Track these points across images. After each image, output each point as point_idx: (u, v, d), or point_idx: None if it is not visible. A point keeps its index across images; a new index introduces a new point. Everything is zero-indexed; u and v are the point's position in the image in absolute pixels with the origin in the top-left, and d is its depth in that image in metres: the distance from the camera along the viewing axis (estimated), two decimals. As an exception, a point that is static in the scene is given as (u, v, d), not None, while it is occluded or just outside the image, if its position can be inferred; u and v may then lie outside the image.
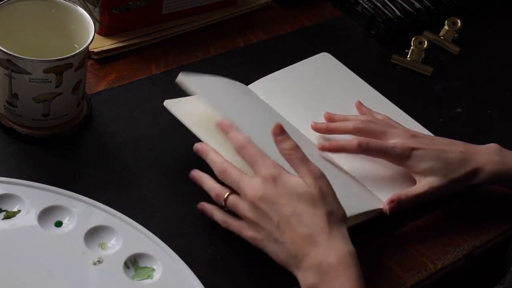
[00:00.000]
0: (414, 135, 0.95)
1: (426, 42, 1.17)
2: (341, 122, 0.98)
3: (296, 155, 0.83)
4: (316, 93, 1.06)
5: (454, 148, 0.94)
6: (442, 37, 1.22)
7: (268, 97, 1.03)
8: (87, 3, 1.04)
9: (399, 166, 0.95)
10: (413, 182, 0.95)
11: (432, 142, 0.95)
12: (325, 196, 0.82)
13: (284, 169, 0.83)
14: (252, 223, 0.83)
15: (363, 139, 0.94)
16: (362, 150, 0.94)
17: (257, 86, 1.04)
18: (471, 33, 1.25)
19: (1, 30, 0.91)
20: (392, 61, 1.17)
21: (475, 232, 0.97)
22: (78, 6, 0.93)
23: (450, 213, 0.98)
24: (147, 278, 0.82)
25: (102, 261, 0.82)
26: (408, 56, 1.17)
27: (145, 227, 0.85)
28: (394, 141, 0.94)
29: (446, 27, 1.22)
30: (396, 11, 1.21)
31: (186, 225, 0.89)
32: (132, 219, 0.86)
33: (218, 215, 0.87)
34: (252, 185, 0.82)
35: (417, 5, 1.23)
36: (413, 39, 1.17)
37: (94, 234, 0.84)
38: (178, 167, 0.94)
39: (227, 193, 0.85)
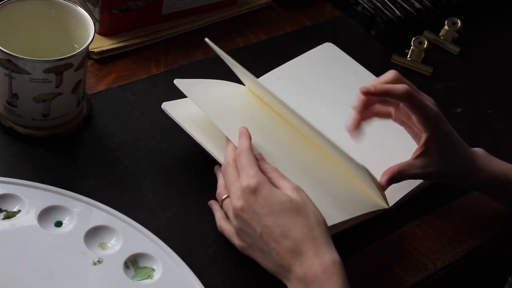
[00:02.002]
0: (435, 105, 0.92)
1: (426, 42, 1.17)
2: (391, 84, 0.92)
3: (276, 173, 0.84)
4: (320, 85, 1.06)
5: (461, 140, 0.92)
6: (442, 37, 1.22)
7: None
8: (87, 3, 1.04)
9: (423, 128, 0.90)
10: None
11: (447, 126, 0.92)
12: (306, 205, 0.81)
13: (267, 180, 0.82)
14: (238, 231, 0.83)
15: (411, 89, 0.89)
16: (407, 98, 0.88)
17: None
18: (471, 33, 1.25)
19: (1, 30, 0.91)
20: (392, 61, 1.17)
21: (475, 232, 0.97)
22: (78, 6, 0.93)
23: (450, 213, 0.98)
24: (147, 278, 0.82)
25: (102, 261, 0.82)
26: (408, 56, 1.17)
27: (145, 227, 0.85)
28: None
29: (446, 27, 1.22)
30: (396, 11, 1.21)
31: (186, 225, 0.89)
32: (132, 219, 0.86)
33: (217, 216, 0.88)
34: (237, 194, 0.82)
35: (417, 5, 1.23)
36: (413, 39, 1.17)
37: (94, 234, 0.84)
38: (178, 167, 0.94)
39: (225, 196, 0.85)
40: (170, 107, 0.95)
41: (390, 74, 0.91)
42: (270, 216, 0.80)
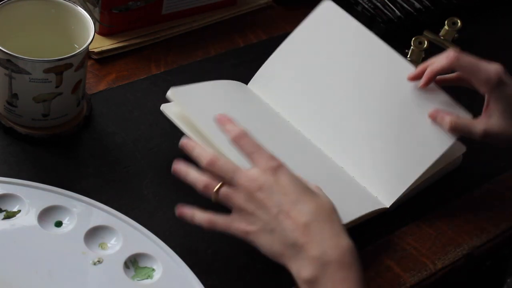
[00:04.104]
0: (506, 73, 0.94)
1: (426, 42, 1.17)
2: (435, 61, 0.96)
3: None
4: (329, 59, 1.01)
5: None
6: (442, 37, 1.22)
7: (267, 94, 1.02)
8: (87, 3, 1.04)
9: (483, 91, 0.94)
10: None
11: None
12: (321, 191, 0.82)
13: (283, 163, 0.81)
14: (246, 215, 0.79)
15: (454, 58, 0.93)
16: (454, 67, 0.93)
17: (256, 83, 1.03)
18: (471, 33, 1.25)
19: (1, 30, 0.91)
20: (392, 61, 1.17)
21: (475, 232, 0.97)
22: (78, 6, 0.93)
23: (450, 213, 0.98)
24: (147, 278, 0.82)
25: (102, 261, 0.82)
26: (408, 56, 1.17)
27: (145, 227, 0.85)
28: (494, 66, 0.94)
29: (446, 27, 1.22)
30: (396, 11, 1.21)
31: (186, 225, 0.89)
32: (132, 219, 0.86)
33: (200, 216, 0.82)
34: (250, 176, 0.79)
35: (417, 5, 1.23)
36: (413, 39, 1.17)
37: (94, 234, 0.84)
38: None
39: (219, 184, 0.81)
40: (169, 109, 0.95)
41: (442, 61, 0.94)
42: (290, 195, 0.78)
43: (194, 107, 0.93)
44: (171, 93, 0.93)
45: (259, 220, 0.79)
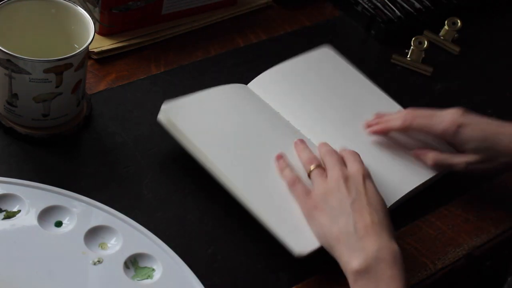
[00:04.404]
0: (463, 114, 0.96)
1: (426, 42, 1.17)
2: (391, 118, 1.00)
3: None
4: (316, 89, 1.06)
5: (506, 129, 0.94)
6: (442, 37, 1.22)
7: (268, 95, 1.03)
8: (87, 3, 1.04)
9: (446, 141, 0.97)
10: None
11: (482, 121, 0.95)
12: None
13: None
14: (327, 191, 0.87)
15: (409, 116, 0.97)
16: (406, 126, 0.97)
17: (256, 84, 1.04)
18: (471, 33, 1.25)
19: (1, 30, 0.91)
20: (392, 61, 1.17)
21: (475, 232, 0.97)
22: (78, 6, 0.93)
23: (450, 213, 0.98)
24: (147, 278, 0.82)
25: (102, 261, 0.82)
26: (408, 56, 1.17)
27: (145, 227, 0.85)
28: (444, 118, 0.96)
29: (446, 27, 1.22)
30: (396, 11, 1.21)
31: (186, 225, 0.89)
32: (132, 219, 0.86)
33: (288, 172, 0.91)
34: (354, 160, 0.90)
35: (417, 5, 1.23)
36: (413, 39, 1.17)
37: (94, 234, 0.84)
38: (178, 167, 0.94)
39: (315, 166, 0.90)
40: (170, 111, 0.95)
41: (397, 123, 0.98)
42: (368, 196, 0.86)
43: (187, 125, 0.94)
44: (163, 115, 0.94)
45: (334, 200, 0.86)
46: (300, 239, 0.86)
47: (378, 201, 0.86)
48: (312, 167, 0.91)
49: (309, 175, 0.91)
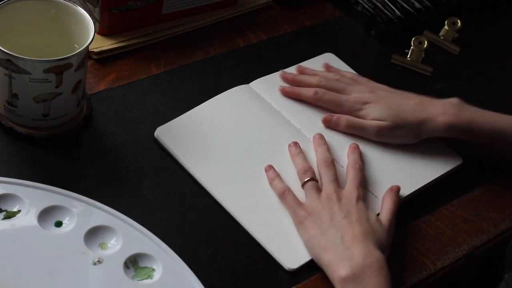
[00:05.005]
0: (372, 91, 1.02)
1: (426, 42, 1.17)
2: (307, 76, 1.06)
3: None
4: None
5: (409, 101, 1.01)
6: (442, 37, 1.22)
7: (270, 94, 1.03)
8: (87, 3, 1.04)
9: (352, 116, 1.01)
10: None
11: (388, 96, 1.02)
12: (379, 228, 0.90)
13: None
14: (318, 207, 0.89)
15: (319, 89, 1.02)
16: (317, 99, 1.02)
17: (259, 83, 1.05)
18: (471, 33, 1.25)
19: (1, 30, 0.91)
20: (392, 61, 1.17)
21: (475, 232, 0.97)
22: (78, 6, 0.93)
23: (450, 213, 0.98)
24: (147, 278, 0.82)
25: (102, 261, 0.82)
26: (408, 56, 1.17)
27: (145, 227, 0.86)
28: (354, 95, 1.01)
29: (446, 27, 1.22)
30: (396, 11, 1.21)
31: (186, 225, 0.89)
32: (132, 219, 0.86)
33: (278, 183, 0.92)
34: (351, 186, 0.92)
35: (417, 5, 1.23)
36: (413, 39, 1.17)
37: (94, 234, 0.84)
38: (178, 167, 0.94)
39: (309, 177, 0.92)
40: (163, 135, 0.96)
41: (309, 92, 1.04)
42: (359, 215, 0.88)
43: (177, 148, 0.95)
44: (157, 138, 0.96)
45: (327, 215, 0.88)
46: (290, 254, 0.88)
47: (367, 218, 0.88)
48: (306, 178, 0.92)
49: (302, 185, 0.93)
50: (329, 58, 1.12)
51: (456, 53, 1.21)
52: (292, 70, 1.08)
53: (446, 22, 1.22)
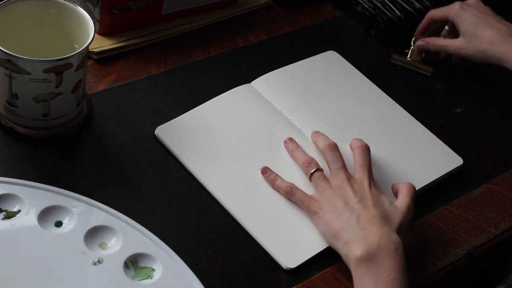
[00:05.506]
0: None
1: (426, 42, 1.17)
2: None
3: None
4: (320, 91, 1.06)
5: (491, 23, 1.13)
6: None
7: (271, 93, 1.03)
8: (87, 3, 1.04)
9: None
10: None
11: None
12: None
13: None
14: (331, 196, 0.89)
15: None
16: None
17: (260, 82, 1.05)
18: (471, 33, 1.25)
19: (1, 30, 0.91)
20: (392, 61, 1.17)
21: (475, 232, 0.97)
22: (78, 6, 0.93)
23: (450, 213, 0.98)
24: (147, 278, 0.82)
25: (102, 261, 0.82)
26: (408, 56, 1.17)
27: (145, 227, 0.86)
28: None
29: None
30: (396, 11, 1.21)
31: (186, 225, 0.89)
32: (132, 219, 0.86)
33: (280, 183, 0.92)
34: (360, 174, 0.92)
35: (417, 5, 1.23)
36: (413, 39, 1.17)
37: (94, 234, 0.84)
38: (178, 167, 0.94)
39: (316, 168, 0.92)
40: (163, 133, 0.96)
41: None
42: (373, 201, 0.88)
43: (177, 147, 0.95)
44: (158, 136, 0.96)
45: (340, 201, 0.88)
46: (289, 254, 0.88)
47: (382, 203, 0.88)
48: (312, 170, 0.92)
49: (309, 178, 0.92)
50: (332, 56, 1.12)
51: (456, 53, 1.21)
52: (292, 67, 1.08)
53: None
